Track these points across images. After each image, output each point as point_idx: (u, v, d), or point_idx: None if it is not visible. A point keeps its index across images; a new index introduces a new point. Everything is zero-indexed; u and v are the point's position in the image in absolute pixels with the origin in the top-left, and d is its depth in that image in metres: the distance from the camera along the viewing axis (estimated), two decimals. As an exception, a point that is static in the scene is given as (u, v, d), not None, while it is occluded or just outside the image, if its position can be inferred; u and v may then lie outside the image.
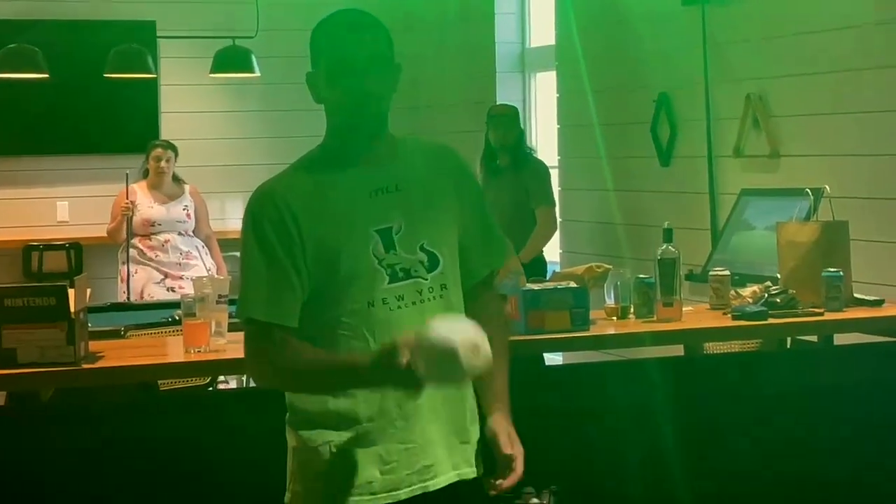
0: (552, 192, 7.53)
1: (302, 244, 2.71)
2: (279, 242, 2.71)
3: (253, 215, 2.76)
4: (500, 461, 2.77)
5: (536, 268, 6.57)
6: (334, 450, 2.73)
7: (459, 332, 2.53)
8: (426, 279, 2.77)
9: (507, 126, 7.41)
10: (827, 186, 5.07)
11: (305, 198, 2.73)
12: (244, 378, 5.62)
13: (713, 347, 4.86)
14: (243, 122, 9.60)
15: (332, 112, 2.81)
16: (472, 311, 2.83)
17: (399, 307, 2.75)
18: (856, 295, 4.66)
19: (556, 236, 7.73)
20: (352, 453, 2.73)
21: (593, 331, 4.26)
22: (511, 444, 2.79)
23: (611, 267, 4.65)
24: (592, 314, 4.32)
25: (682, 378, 4.43)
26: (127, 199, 7.71)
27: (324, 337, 2.74)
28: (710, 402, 4.37)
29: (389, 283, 2.74)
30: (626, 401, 4.26)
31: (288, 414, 2.82)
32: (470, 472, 2.83)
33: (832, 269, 4.51)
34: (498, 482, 2.76)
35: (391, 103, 2.81)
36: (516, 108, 7.71)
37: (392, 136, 2.86)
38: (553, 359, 6.21)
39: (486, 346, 2.53)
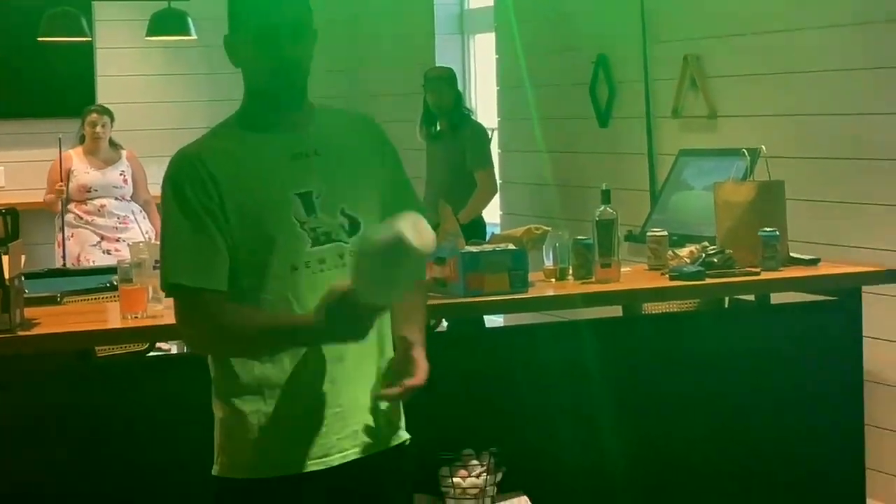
0: (490, 155, 7.54)
1: (223, 208, 2.69)
2: (202, 206, 2.68)
3: (173, 181, 2.73)
4: (401, 363, 2.75)
5: (475, 230, 6.57)
6: (263, 419, 2.72)
7: (395, 222, 2.54)
8: (347, 243, 2.77)
9: (444, 89, 7.40)
10: (763, 147, 5.10)
11: (226, 162, 2.73)
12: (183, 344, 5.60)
13: (651, 308, 4.87)
14: (181, 86, 9.51)
15: (250, 77, 2.81)
16: None
17: (321, 270, 2.75)
18: (792, 254, 4.69)
19: (496, 198, 7.73)
20: (281, 420, 2.72)
21: (532, 292, 4.26)
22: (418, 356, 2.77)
23: (549, 228, 4.65)
24: (531, 276, 4.33)
25: (620, 339, 4.47)
26: (61, 178, 7.68)
27: (247, 302, 2.72)
28: (648, 362, 4.40)
29: (312, 246, 2.74)
30: (566, 362, 4.27)
31: (213, 385, 2.80)
32: (403, 435, 2.85)
33: (768, 229, 4.54)
34: (397, 386, 2.72)
35: (310, 69, 2.81)
36: (453, 71, 7.68)
37: (310, 103, 2.85)
38: (493, 321, 6.21)
39: (425, 224, 2.56)
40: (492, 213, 7.89)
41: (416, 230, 2.52)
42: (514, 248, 4.31)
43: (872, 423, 4.88)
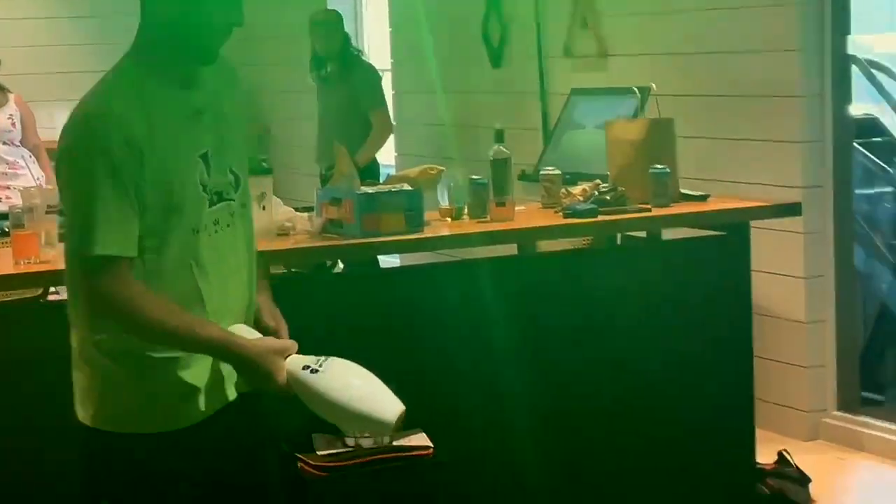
0: (384, 95, 7.53)
1: (142, 171, 2.60)
2: (125, 171, 2.58)
3: (90, 142, 2.60)
4: (263, 332, 2.82)
5: (370, 171, 6.58)
6: (149, 370, 2.72)
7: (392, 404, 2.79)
8: (234, 200, 2.79)
9: (331, 32, 7.39)
10: (653, 84, 5.15)
11: (142, 121, 2.61)
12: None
13: (545, 246, 4.91)
14: (68, 29, 9.37)
15: (174, 32, 2.69)
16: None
17: (216, 231, 2.75)
18: (682, 191, 4.74)
19: (390, 139, 7.74)
20: (171, 376, 2.73)
21: (428, 232, 4.27)
22: (273, 318, 2.89)
23: (444, 168, 4.66)
24: (427, 216, 4.34)
25: (515, 277, 4.49)
26: None
27: (147, 267, 2.66)
28: (543, 299, 4.43)
29: (209, 207, 2.73)
30: (461, 301, 4.30)
31: (93, 335, 2.73)
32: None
33: (659, 166, 4.59)
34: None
35: None
36: (338, 13, 7.66)
37: None
38: (388, 261, 6.24)
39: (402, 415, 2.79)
40: (386, 155, 7.89)
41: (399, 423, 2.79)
42: (409, 188, 4.32)
43: (760, 355, 4.98)
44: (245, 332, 2.78)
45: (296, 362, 2.73)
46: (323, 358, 2.76)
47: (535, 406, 4.35)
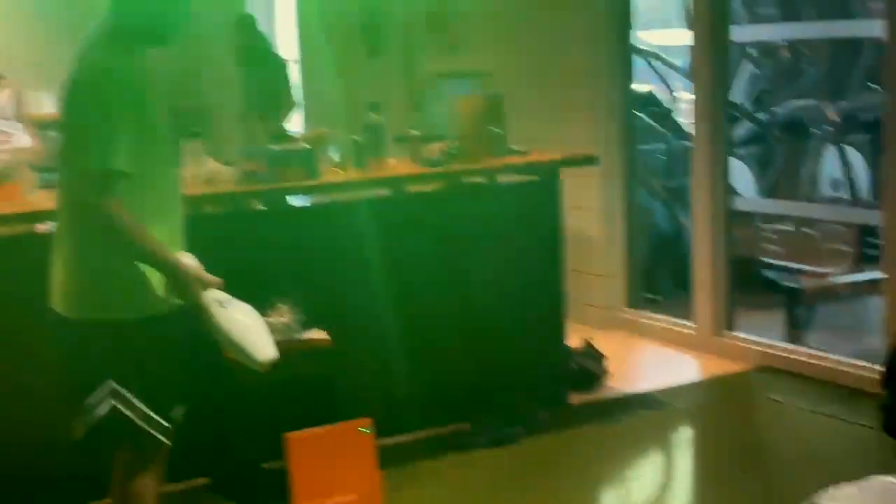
0: (290, 80, 7.42)
1: (132, 113, 2.61)
2: (120, 108, 2.59)
3: (99, 85, 2.61)
4: None
5: (281, 137, 6.49)
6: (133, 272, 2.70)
7: (265, 348, 2.75)
8: (177, 152, 2.86)
9: (249, 30, 7.23)
10: (488, 69, 5.15)
11: (129, 78, 2.63)
12: None
13: (413, 189, 4.87)
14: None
15: (138, 22, 2.70)
16: None
17: (172, 171, 2.77)
18: (511, 147, 4.75)
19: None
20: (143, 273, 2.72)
21: (321, 180, 4.24)
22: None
23: (335, 132, 4.66)
24: (322, 168, 4.30)
25: (389, 212, 4.47)
26: None
27: (132, 192, 2.64)
28: (410, 230, 4.41)
29: (170, 153, 2.76)
30: (349, 232, 4.27)
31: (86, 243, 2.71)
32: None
33: (493, 128, 4.59)
34: None
35: None
36: (253, 16, 7.48)
37: None
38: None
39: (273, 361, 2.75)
40: (295, 124, 7.79)
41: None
42: (308, 146, 4.29)
43: (571, 267, 5.03)
44: (189, 260, 2.75)
45: (213, 295, 2.73)
46: (233, 299, 2.75)
47: (401, 310, 4.35)
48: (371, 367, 4.30)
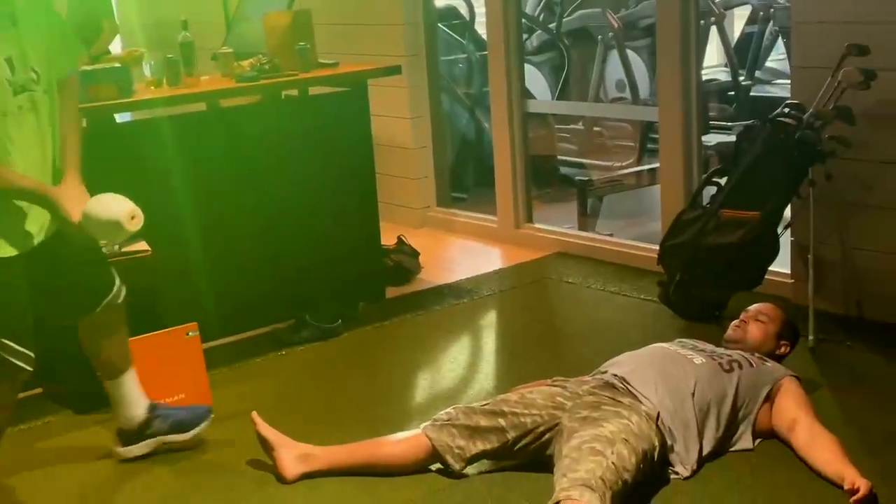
0: (112, 6, 7.05)
1: None
2: None
3: None
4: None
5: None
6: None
7: (121, 207, 2.76)
8: (35, 91, 2.75)
9: None
10: (296, -14, 5.02)
11: None
12: None
13: (227, 104, 4.76)
14: None
15: None
16: (60, 99, 2.89)
17: (20, 112, 2.71)
18: (320, 60, 4.68)
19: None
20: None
21: (136, 97, 4.09)
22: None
23: (145, 51, 4.47)
24: (136, 86, 4.15)
25: (205, 127, 4.38)
26: None
27: None
28: (227, 143, 4.33)
29: (14, 95, 2.69)
30: (168, 146, 4.15)
31: None
32: None
33: (302, 43, 4.52)
34: None
35: None
36: None
37: None
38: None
39: (140, 216, 2.79)
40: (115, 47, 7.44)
41: (133, 219, 2.77)
42: (119, 65, 4.11)
43: (382, 172, 5.04)
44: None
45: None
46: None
47: (222, 218, 4.30)
48: (193, 276, 4.24)
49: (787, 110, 4.10)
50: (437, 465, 3.05)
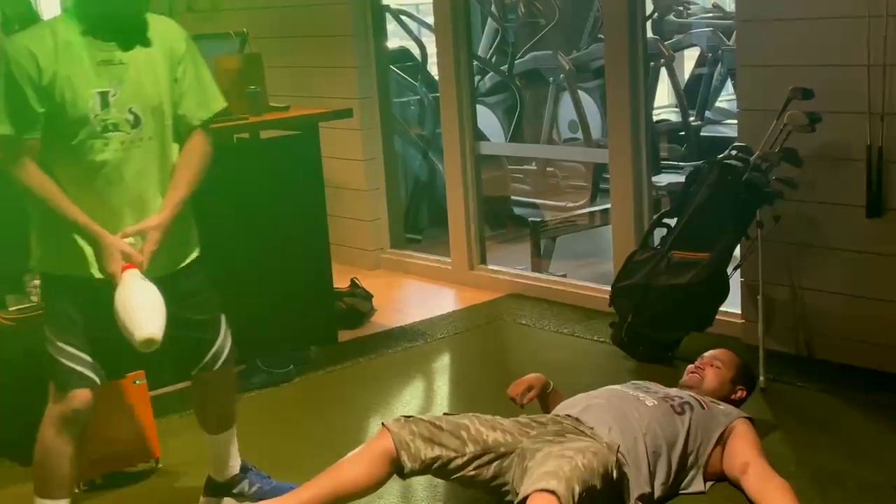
0: None
1: (41, 82, 2.58)
2: (21, 76, 2.57)
3: (4, 54, 2.62)
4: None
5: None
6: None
7: (144, 328, 2.60)
8: (129, 133, 2.68)
9: None
10: (246, 30, 5.04)
11: (48, 52, 2.59)
12: None
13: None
14: None
15: (85, 7, 2.67)
16: (183, 148, 2.84)
17: (103, 151, 2.66)
18: (271, 103, 4.68)
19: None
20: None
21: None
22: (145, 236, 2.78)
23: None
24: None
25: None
26: None
27: (50, 160, 2.66)
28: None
29: (100, 132, 2.65)
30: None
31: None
32: None
33: (253, 87, 4.51)
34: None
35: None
36: None
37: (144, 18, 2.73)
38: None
39: (157, 345, 2.62)
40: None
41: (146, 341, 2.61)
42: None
43: (335, 214, 5.04)
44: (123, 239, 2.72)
45: (129, 273, 2.67)
46: (146, 280, 2.68)
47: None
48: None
49: (734, 152, 4.16)
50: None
